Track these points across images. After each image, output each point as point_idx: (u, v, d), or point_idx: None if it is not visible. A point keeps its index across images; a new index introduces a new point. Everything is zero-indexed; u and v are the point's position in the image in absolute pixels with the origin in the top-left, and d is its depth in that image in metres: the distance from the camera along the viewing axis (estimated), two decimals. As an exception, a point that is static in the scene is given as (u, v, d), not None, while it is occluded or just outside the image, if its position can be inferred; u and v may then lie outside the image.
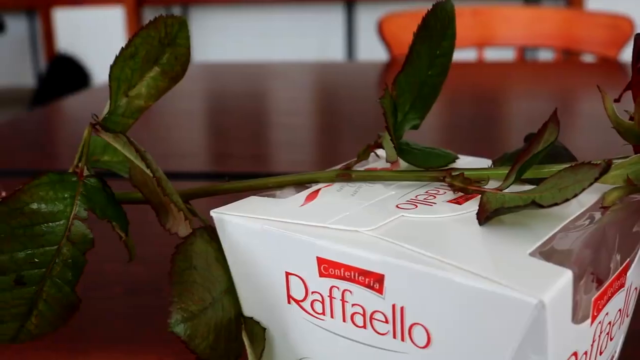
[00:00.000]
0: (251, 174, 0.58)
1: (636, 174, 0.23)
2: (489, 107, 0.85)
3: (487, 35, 1.35)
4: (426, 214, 0.22)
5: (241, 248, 0.23)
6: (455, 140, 0.70)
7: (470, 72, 1.12)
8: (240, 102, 0.90)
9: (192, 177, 0.59)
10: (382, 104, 0.23)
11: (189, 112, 0.86)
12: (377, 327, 0.20)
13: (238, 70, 1.19)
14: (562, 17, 1.34)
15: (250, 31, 2.96)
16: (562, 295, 0.17)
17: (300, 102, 0.91)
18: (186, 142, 0.70)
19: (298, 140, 0.70)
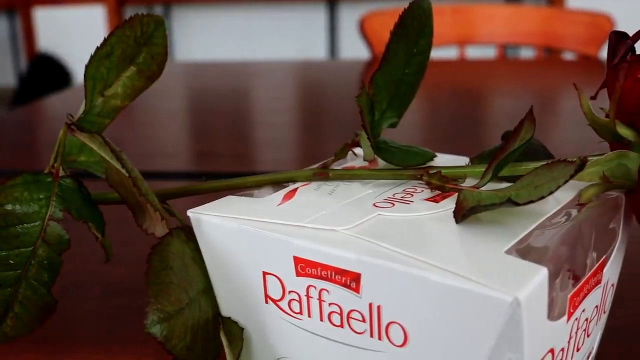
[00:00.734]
0: (234, 173, 0.58)
1: (612, 171, 0.23)
2: (470, 105, 0.85)
3: (468, 34, 1.35)
4: (403, 212, 0.22)
5: (218, 248, 0.23)
6: (436, 138, 0.70)
7: (451, 70, 1.12)
8: (223, 101, 0.90)
9: (175, 177, 0.58)
10: (359, 103, 0.23)
11: (171, 111, 0.85)
12: (354, 326, 0.20)
13: (221, 69, 1.19)
14: (543, 15, 1.35)
15: (232, 30, 2.96)
16: (537, 293, 0.18)
17: (283, 100, 0.91)
18: (169, 142, 0.70)
19: (281, 139, 0.70)
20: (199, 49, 2.98)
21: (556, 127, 0.73)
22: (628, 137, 0.22)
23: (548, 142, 0.67)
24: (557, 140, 0.68)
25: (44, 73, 2.96)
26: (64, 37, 3.06)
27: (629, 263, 0.39)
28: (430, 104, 0.87)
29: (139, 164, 0.62)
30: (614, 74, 0.22)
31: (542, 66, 1.16)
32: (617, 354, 0.31)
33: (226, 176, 0.26)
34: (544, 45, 1.35)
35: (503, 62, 1.24)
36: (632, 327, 0.33)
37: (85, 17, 2.98)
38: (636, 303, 0.35)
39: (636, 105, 0.22)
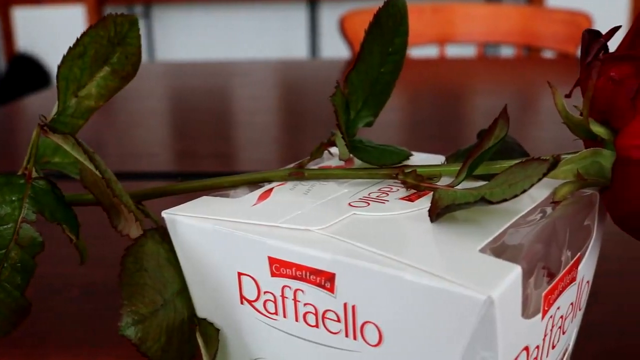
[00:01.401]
0: (215, 173, 0.58)
1: (586, 169, 0.23)
2: (450, 103, 0.86)
3: (448, 32, 1.36)
4: (378, 211, 0.22)
5: (193, 249, 0.22)
6: (417, 137, 0.70)
7: (432, 68, 1.13)
8: (203, 101, 0.90)
9: (156, 177, 0.58)
10: (333, 102, 0.23)
11: (152, 111, 0.85)
12: (329, 326, 0.20)
13: (201, 69, 1.19)
14: (522, 14, 1.35)
15: (213, 30, 2.95)
16: (511, 291, 0.18)
17: (264, 100, 0.90)
18: (149, 142, 0.70)
19: (262, 138, 0.70)
20: (179, 49, 2.97)
21: (536, 125, 0.73)
22: (601, 134, 0.22)
23: (527, 140, 0.67)
24: (537, 138, 0.68)
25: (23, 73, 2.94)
26: (43, 37, 3.04)
27: (605, 260, 0.40)
28: (411, 102, 0.87)
29: (120, 165, 0.61)
30: (587, 72, 0.23)
31: (522, 65, 1.16)
32: (593, 351, 0.31)
33: (207, 176, 0.26)
34: (524, 44, 1.35)
35: (483, 60, 1.24)
36: (609, 323, 0.33)
37: (64, 17, 2.96)
38: (612, 299, 0.35)
39: (609, 103, 0.22)
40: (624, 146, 0.21)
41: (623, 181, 0.21)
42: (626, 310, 0.34)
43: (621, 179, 0.21)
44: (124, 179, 0.57)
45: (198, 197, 0.24)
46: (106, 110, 0.86)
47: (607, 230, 0.38)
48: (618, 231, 0.24)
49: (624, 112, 0.21)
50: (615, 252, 0.41)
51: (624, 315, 0.34)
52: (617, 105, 0.22)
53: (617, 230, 0.24)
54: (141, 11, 2.93)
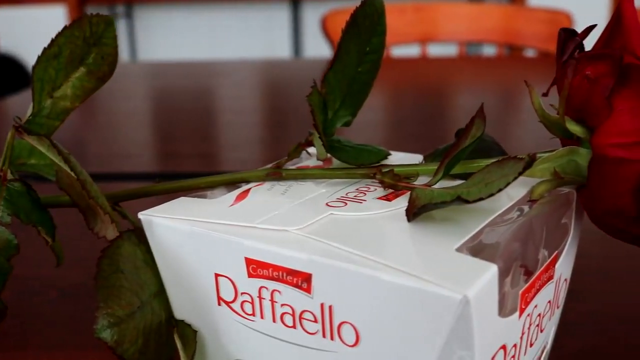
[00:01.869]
0: (198, 173, 0.57)
1: (563, 167, 0.23)
2: (432, 102, 0.86)
3: (430, 31, 1.36)
4: (355, 211, 0.22)
5: (170, 250, 0.22)
6: (398, 136, 0.70)
7: (414, 68, 1.13)
8: (186, 101, 0.89)
9: (138, 178, 0.58)
10: (310, 102, 0.23)
11: (134, 111, 0.84)
12: (306, 327, 0.20)
13: (184, 69, 1.18)
14: (504, 13, 1.36)
15: (195, 29, 2.94)
16: (487, 290, 0.18)
17: (247, 100, 0.90)
18: (132, 142, 0.69)
19: (245, 138, 0.70)
20: (162, 49, 2.96)
21: (517, 124, 0.73)
22: (577, 133, 0.22)
23: (509, 139, 0.67)
24: (518, 136, 0.68)
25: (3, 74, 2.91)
26: (24, 37, 3.01)
27: (585, 258, 0.40)
28: (393, 102, 0.87)
29: (102, 165, 0.61)
30: (563, 71, 0.23)
31: (503, 63, 1.17)
32: (572, 349, 0.31)
33: (190, 177, 0.26)
34: (505, 43, 1.36)
35: (465, 59, 1.25)
36: (587, 321, 0.33)
37: (45, 17, 2.94)
38: (592, 297, 0.35)
39: (585, 102, 0.22)
40: (599, 144, 0.21)
41: (599, 179, 0.21)
42: (606, 308, 0.34)
43: (597, 177, 0.22)
44: (106, 179, 0.57)
45: (178, 198, 0.24)
46: (88, 110, 0.85)
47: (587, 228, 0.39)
48: (598, 229, 0.24)
49: (600, 111, 0.22)
50: (595, 250, 0.41)
51: (604, 313, 0.34)
52: (592, 103, 0.22)
53: (596, 228, 0.24)
54: (123, 11, 2.92)
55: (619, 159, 0.21)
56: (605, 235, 0.27)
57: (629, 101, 0.21)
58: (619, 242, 0.42)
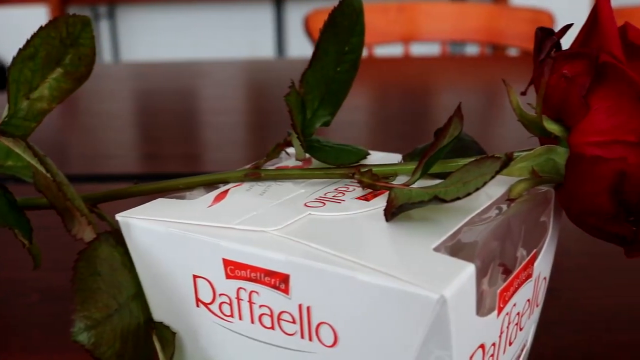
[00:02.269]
0: (181, 174, 0.57)
1: (541, 166, 0.23)
2: (416, 102, 0.86)
3: (413, 31, 1.36)
4: (334, 211, 0.22)
5: (148, 252, 0.22)
6: (383, 135, 0.70)
7: (397, 67, 1.13)
8: (169, 102, 0.89)
9: (120, 179, 0.57)
10: (288, 102, 0.23)
11: (117, 112, 0.84)
12: (284, 328, 0.20)
13: (167, 69, 1.18)
14: (486, 12, 1.36)
15: (178, 30, 2.93)
16: (464, 289, 0.18)
17: (231, 100, 0.90)
18: (115, 143, 0.69)
19: (229, 139, 0.69)
20: (144, 49, 2.94)
21: (500, 123, 0.74)
22: (555, 132, 0.23)
23: (492, 137, 0.67)
24: (501, 135, 0.68)
25: (-16, 75, 2.89)
26: (4, 37, 2.99)
27: (566, 255, 0.40)
28: (377, 101, 0.87)
29: (84, 167, 0.61)
30: (540, 70, 0.23)
31: (486, 63, 1.17)
32: (553, 346, 0.31)
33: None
34: (488, 42, 1.36)
35: (448, 59, 1.25)
36: (568, 319, 0.33)
37: (27, 17, 2.92)
38: (572, 295, 0.36)
39: (562, 101, 0.22)
40: (577, 143, 0.21)
41: (576, 178, 0.22)
42: (586, 306, 0.35)
43: (574, 176, 0.22)
44: (89, 181, 0.56)
45: (157, 199, 0.24)
46: (70, 111, 0.85)
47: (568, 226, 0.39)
48: (577, 227, 0.24)
49: (577, 110, 0.22)
50: (576, 247, 0.41)
51: (584, 311, 0.34)
52: (569, 102, 0.22)
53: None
54: (105, 11, 2.90)
55: (596, 157, 0.21)
56: (585, 233, 0.27)
57: (606, 100, 0.21)
58: (599, 240, 0.42)
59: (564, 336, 0.32)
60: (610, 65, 0.21)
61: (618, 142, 0.21)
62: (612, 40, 0.22)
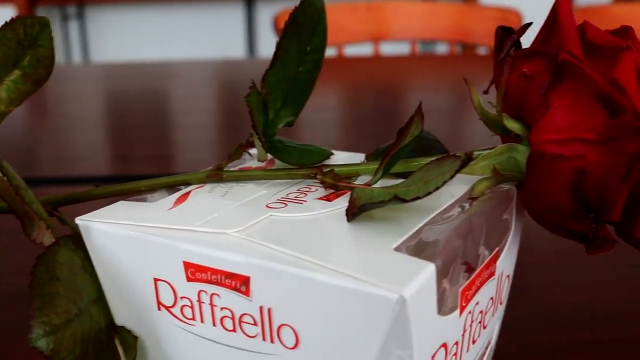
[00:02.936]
0: (152, 175, 0.57)
1: (502, 165, 0.23)
2: (388, 100, 0.86)
3: (383, 30, 1.37)
4: (296, 212, 0.21)
5: (108, 255, 0.22)
6: (356, 135, 0.70)
7: (367, 66, 1.13)
8: (140, 103, 0.88)
9: (91, 181, 0.57)
10: (248, 102, 0.23)
11: (87, 114, 0.83)
12: (246, 330, 0.20)
13: (137, 70, 1.17)
14: (455, 11, 1.37)
15: (149, 30, 2.91)
16: (424, 289, 0.18)
17: (202, 100, 0.90)
18: (85, 145, 0.68)
19: (200, 139, 0.69)
20: (115, 50, 2.92)
21: (471, 121, 0.74)
22: (516, 130, 0.23)
23: (463, 136, 0.68)
24: (472, 134, 0.69)
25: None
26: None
27: (533, 253, 0.40)
28: (348, 100, 0.87)
29: (55, 169, 0.60)
30: (500, 69, 0.23)
31: (456, 61, 1.18)
32: (519, 344, 0.31)
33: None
34: (458, 41, 1.37)
35: (418, 58, 1.25)
36: (534, 316, 0.34)
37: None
38: (539, 292, 0.36)
39: (522, 99, 0.22)
40: (536, 141, 0.21)
41: (536, 176, 0.22)
42: (550, 303, 0.35)
43: (535, 174, 0.22)
44: (58, 183, 0.56)
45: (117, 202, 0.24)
46: (39, 113, 0.84)
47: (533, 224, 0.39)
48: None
49: (536, 108, 0.22)
50: (541, 245, 0.42)
51: (549, 308, 0.34)
52: (529, 101, 0.22)
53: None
54: (74, 12, 2.88)
55: (555, 155, 0.21)
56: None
57: (565, 98, 0.21)
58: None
59: (528, 333, 0.32)
60: (569, 64, 0.21)
61: (577, 140, 0.21)
62: (571, 39, 0.22)
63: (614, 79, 0.21)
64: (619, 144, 0.20)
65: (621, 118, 0.20)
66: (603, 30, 0.23)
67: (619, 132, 0.20)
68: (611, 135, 0.21)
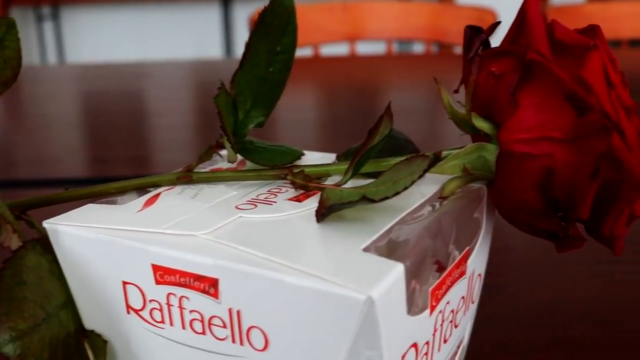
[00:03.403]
0: (130, 177, 0.56)
1: (472, 164, 0.23)
2: (365, 100, 0.86)
3: (359, 30, 1.37)
4: (265, 213, 0.21)
5: (77, 259, 0.22)
6: (334, 134, 0.70)
7: (344, 66, 1.13)
8: (117, 104, 0.88)
9: (68, 183, 0.56)
10: (217, 103, 0.23)
11: (63, 115, 0.82)
12: (216, 333, 0.20)
13: (113, 70, 1.16)
14: (431, 10, 1.38)
15: (125, 30, 2.89)
16: (393, 290, 0.17)
17: (179, 101, 0.89)
18: (62, 147, 0.68)
19: (178, 140, 0.69)
20: (90, 50, 2.90)
21: (448, 120, 0.74)
22: (485, 129, 0.23)
23: (441, 135, 0.68)
24: (449, 133, 0.69)
25: None
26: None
27: (507, 251, 0.40)
28: (325, 100, 0.87)
29: (32, 171, 0.59)
30: (469, 68, 0.23)
31: (432, 61, 1.18)
32: (494, 342, 0.31)
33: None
34: (434, 40, 1.38)
35: (395, 57, 1.25)
36: (508, 314, 0.34)
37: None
38: (512, 290, 0.36)
39: (490, 98, 0.22)
40: (505, 140, 0.22)
41: (506, 175, 0.22)
42: (525, 302, 0.35)
43: (504, 172, 0.22)
44: (34, 186, 0.55)
45: (86, 205, 0.24)
46: (15, 114, 0.83)
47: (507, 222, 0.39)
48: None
49: (505, 107, 0.22)
50: (515, 243, 0.42)
51: (523, 306, 0.35)
52: (498, 100, 0.22)
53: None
54: (49, 12, 2.85)
55: (524, 154, 0.21)
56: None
57: (533, 97, 0.21)
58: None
59: (503, 332, 0.32)
60: (537, 63, 0.22)
61: (545, 138, 0.21)
62: (539, 38, 0.22)
63: (581, 78, 0.21)
64: (586, 142, 0.21)
65: (588, 117, 0.20)
66: (571, 29, 0.23)
67: (586, 131, 0.21)
68: (579, 134, 0.21)
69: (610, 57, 0.22)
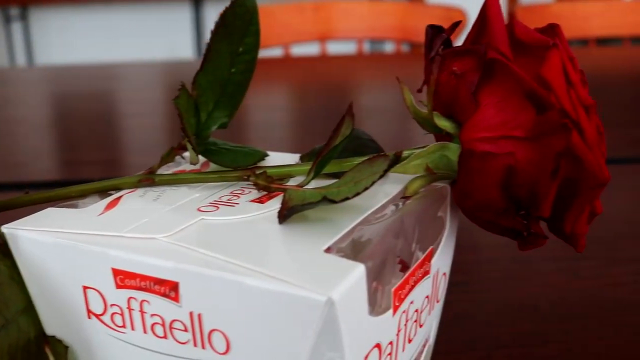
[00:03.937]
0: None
1: (435, 163, 0.23)
2: (337, 99, 0.86)
3: (329, 29, 1.37)
4: (227, 215, 0.21)
5: (36, 264, 0.21)
6: (306, 134, 0.70)
7: (315, 66, 1.13)
8: (87, 106, 0.87)
9: (37, 187, 0.56)
10: (177, 105, 0.23)
11: (32, 118, 0.81)
12: (177, 337, 0.19)
13: (83, 72, 1.15)
14: (401, 10, 1.38)
15: (94, 31, 2.87)
16: (354, 290, 0.17)
17: (150, 103, 0.88)
18: (31, 150, 0.67)
19: (149, 142, 0.68)
20: (59, 52, 2.87)
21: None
22: (447, 128, 0.23)
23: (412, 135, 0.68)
24: (420, 132, 0.69)
25: None
26: None
27: (475, 249, 0.41)
28: (297, 100, 0.87)
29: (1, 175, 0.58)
30: (430, 67, 0.23)
31: (402, 60, 1.19)
32: (460, 339, 0.31)
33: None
34: (404, 40, 1.38)
35: (365, 57, 1.26)
36: (475, 312, 0.34)
37: None
38: (479, 287, 0.36)
39: (452, 97, 0.22)
40: (467, 139, 0.22)
41: (468, 174, 0.22)
42: (493, 298, 0.35)
43: (466, 171, 0.22)
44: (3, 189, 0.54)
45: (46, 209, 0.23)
46: (-24, 118, 0.82)
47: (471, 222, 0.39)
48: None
49: (466, 106, 0.22)
50: (483, 241, 0.42)
51: (492, 303, 0.35)
52: (459, 99, 0.22)
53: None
54: (17, 13, 2.82)
55: (485, 153, 0.21)
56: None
57: (494, 96, 0.22)
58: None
59: (472, 329, 0.32)
60: (497, 62, 0.22)
61: (506, 137, 0.21)
62: (499, 37, 0.22)
63: (540, 77, 0.21)
64: (546, 140, 0.21)
65: (548, 115, 0.21)
66: (532, 28, 0.23)
67: (546, 129, 0.21)
68: (539, 132, 0.21)
69: (569, 55, 0.22)
